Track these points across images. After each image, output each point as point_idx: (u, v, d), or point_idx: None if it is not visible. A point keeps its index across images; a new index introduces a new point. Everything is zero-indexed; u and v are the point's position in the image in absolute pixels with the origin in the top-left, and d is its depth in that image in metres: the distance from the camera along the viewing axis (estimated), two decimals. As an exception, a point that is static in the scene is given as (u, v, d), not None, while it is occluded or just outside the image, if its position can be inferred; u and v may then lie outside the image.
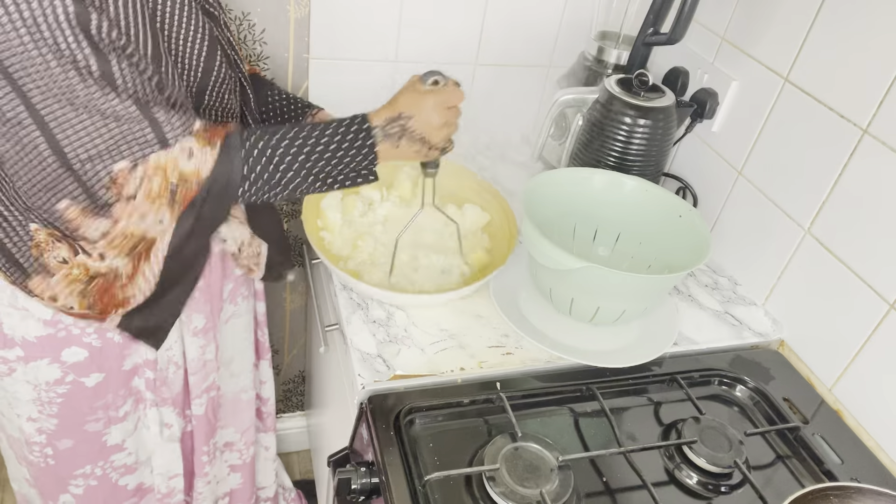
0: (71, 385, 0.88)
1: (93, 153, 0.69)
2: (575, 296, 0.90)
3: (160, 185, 0.72)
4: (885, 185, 0.85)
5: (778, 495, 0.77)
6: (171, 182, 0.72)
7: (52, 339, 0.84)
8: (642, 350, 0.93)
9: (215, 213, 0.79)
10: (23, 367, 0.85)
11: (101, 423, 0.93)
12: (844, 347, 0.92)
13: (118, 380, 0.91)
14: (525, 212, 0.91)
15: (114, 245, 0.76)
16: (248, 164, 0.75)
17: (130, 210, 0.73)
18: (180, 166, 0.72)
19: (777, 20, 1.01)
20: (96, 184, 0.71)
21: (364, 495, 0.80)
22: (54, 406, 0.89)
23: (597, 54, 1.23)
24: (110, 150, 0.69)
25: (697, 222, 0.95)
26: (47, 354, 0.85)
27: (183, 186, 0.73)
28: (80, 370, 0.88)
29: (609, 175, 1.04)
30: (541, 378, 0.90)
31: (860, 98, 0.88)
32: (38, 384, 0.87)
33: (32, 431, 0.91)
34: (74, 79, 0.65)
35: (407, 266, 1.01)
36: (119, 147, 0.69)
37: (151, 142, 0.70)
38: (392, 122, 0.80)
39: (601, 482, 0.80)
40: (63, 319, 0.83)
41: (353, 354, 0.88)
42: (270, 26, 1.17)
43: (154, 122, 0.70)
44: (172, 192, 0.73)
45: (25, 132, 0.67)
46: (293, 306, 1.56)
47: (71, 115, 0.67)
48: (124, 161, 0.70)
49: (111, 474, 0.99)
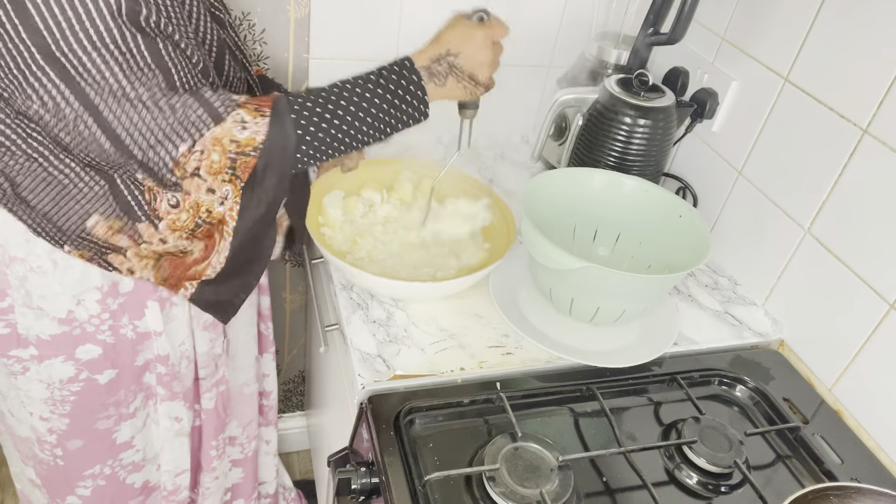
0: (84, 382, 0.89)
1: (152, 142, 0.70)
2: (575, 296, 0.90)
3: (220, 158, 0.72)
4: (885, 185, 0.85)
5: (778, 495, 0.77)
6: (230, 152, 0.72)
7: (67, 336, 0.85)
8: (642, 350, 0.93)
9: (277, 183, 0.78)
10: (36, 365, 0.86)
11: (112, 421, 0.94)
12: (844, 347, 0.92)
13: (130, 376, 0.92)
14: (525, 212, 0.91)
15: (177, 225, 0.77)
16: (300, 125, 0.75)
17: (198, 184, 0.74)
18: (236, 136, 0.72)
19: (777, 20, 1.01)
20: (162, 168, 0.72)
21: (364, 495, 0.80)
22: (67, 405, 0.90)
23: (597, 54, 1.23)
24: (170, 137, 0.70)
25: (697, 222, 0.95)
26: (62, 352, 0.85)
27: (241, 156, 0.73)
28: (94, 367, 0.88)
29: (609, 175, 1.04)
30: (541, 378, 0.90)
31: (860, 98, 0.88)
32: (52, 382, 0.87)
33: (44, 431, 0.91)
34: (129, 74, 0.66)
35: (408, 258, 1.02)
36: (178, 132, 0.70)
37: (206, 120, 0.71)
38: (438, 60, 0.80)
39: (601, 482, 0.80)
40: (78, 317, 0.84)
41: (353, 354, 0.88)
42: (270, 26, 1.17)
43: (205, 102, 0.71)
44: (232, 163, 0.73)
45: (84, 126, 0.68)
46: (293, 306, 1.56)
47: (128, 108, 0.68)
48: (184, 144, 0.71)
49: (119, 472, 1.00)
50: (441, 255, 1.03)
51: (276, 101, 0.75)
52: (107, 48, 0.65)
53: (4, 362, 0.86)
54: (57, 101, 0.67)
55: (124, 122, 0.68)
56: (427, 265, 1.01)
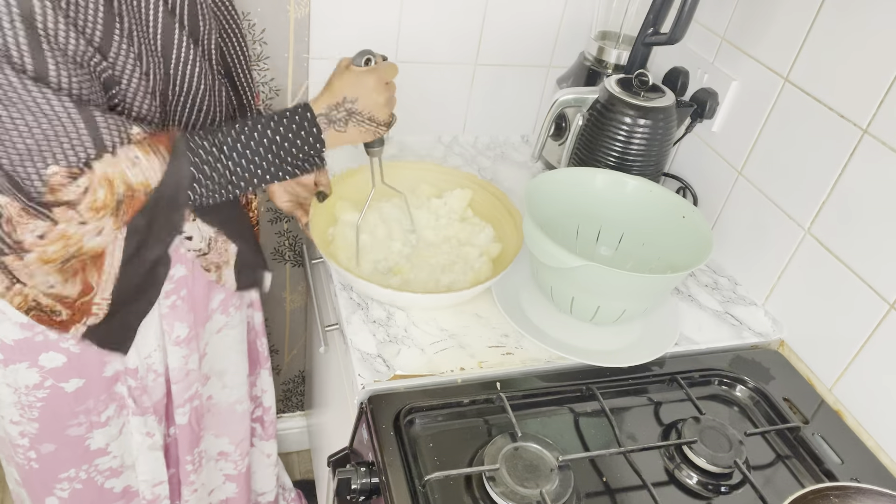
0: (50, 390, 0.87)
1: (23, 152, 0.65)
2: (575, 295, 0.90)
3: (105, 197, 0.68)
4: (885, 185, 0.85)
5: (778, 495, 0.77)
6: (118, 193, 0.69)
7: (30, 342, 0.83)
8: (644, 350, 0.93)
9: (168, 219, 0.76)
10: (2, 369, 0.84)
11: (84, 428, 0.92)
12: (844, 347, 0.92)
13: (99, 386, 0.90)
14: (526, 210, 0.91)
15: (46, 256, 0.71)
16: (196, 167, 0.73)
17: (71, 216, 0.69)
18: (127, 177, 0.69)
19: (777, 20, 1.01)
20: (30, 186, 0.67)
21: (364, 495, 0.80)
22: (35, 410, 0.88)
23: (597, 54, 1.23)
24: (41, 151, 0.65)
25: (700, 223, 0.95)
26: (26, 358, 0.84)
27: (130, 198, 0.70)
28: (59, 375, 0.86)
29: (612, 175, 1.04)
30: (541, 378, 0.90)
31: (860, 98, 0.88)
32: (19, 387, 0.86)
33: (16, 434, 0.90)
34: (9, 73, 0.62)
35: (407, 263, 1.01)
36: (51, 147, 0.65)
37: (87, 144, 0.67)
38: (336, 108, 0.80)
39: (601, 482, 0.80)
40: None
41: (353, 354, 0.88)
42: (270, 26, 1.17)
43: (91, 122, 0.66)
44: (119, 203, 0.70)
45: None
46: (293, 306, 1.56)
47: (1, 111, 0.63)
48: (57, 165, 0.66)
49: (96, 477, 0.98)
50: (448, 257, 1.04)
51: (175, 141, 0.72)
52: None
53: None
54: None
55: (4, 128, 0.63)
56: (433, 268, 1.01)
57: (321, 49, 1.22)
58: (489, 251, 1.04)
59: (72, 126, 0.66)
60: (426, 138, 1.36)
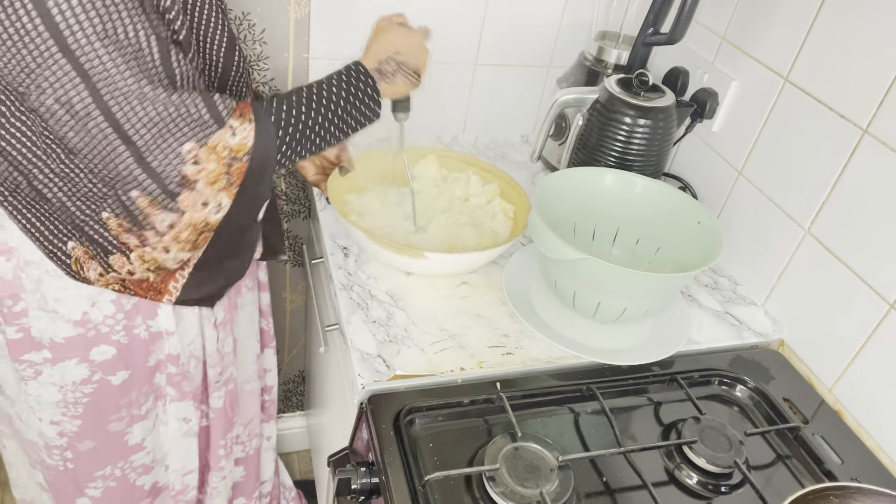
0: (98, 384, 0.89)
1: (158, 139, 0.70)
2: (577, 289, 0.91)
3: (217, 166, 0.74)
4: (885, 185, 0.85)
5: (778, 495, 0.77)
6: (225, 160, 0.74)
7: (82, 339, 0.85)
8: (649, 351, 0.93)
9: (260, 184, 0.80)
10: (49, 368, 0.86)
11: (125, 423, 0.94)
12: (844, 347, 0.92)
13: (143, 376, 0.92)
14: (535, 203, 0.92)
15: (180, 239, 0.77)
16: (280, 128, 0.78)
17: (194, 198, 0.74)
18: (229, 142, 0.74)
19: (777, 20, 1.01)
20: (166, 168, 0.72)
21: (364, 495, 0.80)
22: (80, 406, 0.90)
23: (597, 54, 1.23)
24: (174, 134, 0.71)
25: (714, 229, 0.94)
26: (76, 354, 0.85)
27: (236, 163, 0.75)
28: (108, 368, 0.88)
29: (627, 176, 1.04)
30: (541, 378, 0.90)
31: (860, 98, 0.88)
32: (65, 385, 0.87)
33: (54, 435, 0.91)
34: (134, 68, 0.67)
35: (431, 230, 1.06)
36: (182, 129, 0.71)
37: (209, 122, 0.72)
38: (387, 61, 0.88)
39: (601, 482, 0.80)
40: (93, 319, 0.84)
41: (353, 354, 0.88)
42: (270, 26, 1.17)
43: (210, 103, 0.72)
44: (228, 171, 0.75)
45: (94, 123, 0.68)
46: (293, 306, 1.56)
47: (135, 103, 0.68)
48: (189, 143, 0.72)
49: (130, 475, 1.00)
50: (461, 224, 1.07)
51: (254, 106, 0.77)
52: (117, 43, 0.65)
53: (16, 367, 0.86)
54: (70, 95, 0.67)
55: (130, 116, 0.69)
56: (447, 236, 1.06)
57: (321, 49, 1.22)
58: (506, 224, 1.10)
59: (194, 108, 0.71)
60: (426, 138, 1.36)
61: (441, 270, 1.00)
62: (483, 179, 1.15)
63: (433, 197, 1.13)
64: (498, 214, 1.10)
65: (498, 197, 1.13)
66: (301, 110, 0.80)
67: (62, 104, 0.67)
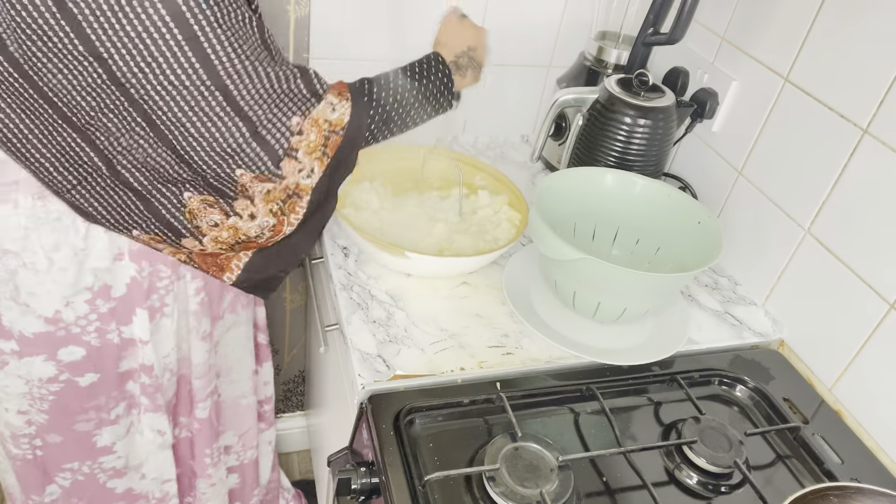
0: (64, 384, 0.88)
1: (269, 114, 0.74)
2: (577, 289, 0.91)
3: (317, 137, 0.78)
4: (885, 185, 0.85)
5: (778, 495, 0.77)
6: (324, 131, 0.79)
7: (51, 336, 0.84)
8: (649, 351, 0.93)
9: (347, 159, 0.84)
10: (16, 361, 0.85)
11: (92, 424, 0.93)
12: (844, 347, 0.92)
13: (112, 382, 0.91)
14: (535, 203, 0.92)
15: (269, 199, 0.80)
16: (373, 109, 0.83)
17: (294, 166, 0.78)
18: (329, 117, 0.79)
19: (777, 20, 1.01)
20: (279, 139, 0.75)
21: (364, 495, 0.80)
22: (45, 402, 0.89)
23: (597, 54, 1.23)
24: (281, 108, 0.75)
25: (714, 229, 0.94)
26: (43, 351, 0.85)
27: (333, 136, 0.79)
28: (76, 369, 0.87)
29: (627, 176, 1.04)
30: (541, 378, 0.90)
31: (860, 98, 0.88)
32: (31, 380, 0.87)
33: (21, 424, 0.91)
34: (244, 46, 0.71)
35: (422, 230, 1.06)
36: (287, 104, 0.76)
37: (309, 97, 0.77)
38: (462, 55, 0.92)
39: (601, 482, 0.80)
40: (65, 318, 0.83)
41: (353, 354, 0.88)
42: (270, 26, 1.17)
43: (307, 79, 0.77)
44: (325, 140, 0.79)
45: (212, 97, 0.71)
46: (293, 306, 1.56)
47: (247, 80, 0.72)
48: (295, 116, 0.76)
49: (99, 475, 0.99)
50: (468, 232, 1.08)
51: (350, 86, 0.82)
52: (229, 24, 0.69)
53: None
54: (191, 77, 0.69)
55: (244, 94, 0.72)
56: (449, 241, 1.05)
57: (321, 49, 1.21)
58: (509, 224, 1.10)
59: (293, 83, 0.76)
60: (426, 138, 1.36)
61: (426, 272, 1.00)
62: (493, 190, 1.15)
63: (442, 199, 1.13)
64: (503, 223, 1.10)
65: (506, 206, 1.13)
66: (389, 93, 0.84)
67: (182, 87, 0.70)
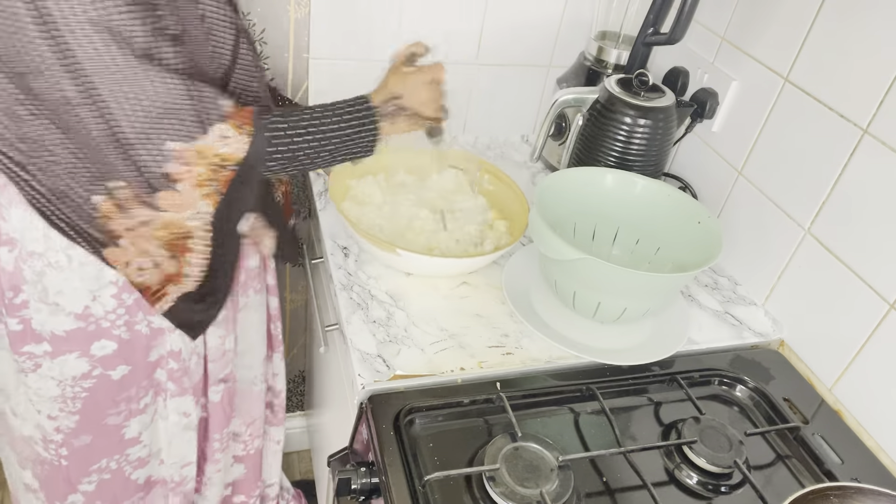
0: (97, 379, 0.89)
1: (148, 130, 0.71)
2: (577, 289, 0.91)
3: (205, 171, 0.75)
4: (885, 185, 0.85)
5: (778, 495, 0.77)
6: (214, 165, 0.75)
7: (83, 332, 0.85)
8: (649, 351, 0.93)
9: (246, 194, 0.82)
10: (49, 362, 0.86)
11: (122, 416, 0.94)
12: (844, 347, 0.92)
13: (142, 372, 0.92)
14: (535, 203, 0.92)
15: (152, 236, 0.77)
16: (272, 143, 0.79)
17: (175, 199, 0.75)
18: (219, 151, 0.75)
19: (777, 20, 1.01)
20: (150, 163, 0.73)
21: (364, 495, 0.80)
22: (78, 401, 0.90)
23: (597, 54, 1.23)
24: (164, 127, 0.72)
25: (714, 228, 0.94)
26: (76, 348, 0.86)
27: (223, 171, 0.76)
28: (108, 363, 0.88)
29: (628, 177, 1.04)
30: (541, 378, 0.90)
31: (860, 98, 0.88)
32: (64, 379, 0.87)
33: (50, 430, 0.92)
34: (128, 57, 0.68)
35: (424, 233, 1.06)
36: (172, 123, 0.72)
37: (191, 120, 0.73)
38: (387, 102, 0.88)
39: (601, 482, 0.80)
40: (94, 313, 0.84)
41: (353, 354, 0.88)
42: (270, 26, 1.17)
43: (191, 98, 0.72)
44: (215, 174, 0.76)
45: (88, 112, 0.69)
46: (293, 306, 1.56)
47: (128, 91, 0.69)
48: (176, 143, 0.72)
49: (125, 468, 1.00)
50: (464, 231, 1.08)
51: (255, 118, 0.78)
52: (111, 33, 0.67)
53: (16, 359, 0.86)
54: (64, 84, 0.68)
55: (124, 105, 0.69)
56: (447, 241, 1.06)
57: (321, 49, 1.22)
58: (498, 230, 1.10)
59: (183, 101, 0.72)
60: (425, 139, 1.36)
61: (425, 271, 1.01)
62: (488, 202, 1.16)
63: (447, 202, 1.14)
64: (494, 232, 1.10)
65: (498, 220, 1.13)
66: (298, 133, 0.81)
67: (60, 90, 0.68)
